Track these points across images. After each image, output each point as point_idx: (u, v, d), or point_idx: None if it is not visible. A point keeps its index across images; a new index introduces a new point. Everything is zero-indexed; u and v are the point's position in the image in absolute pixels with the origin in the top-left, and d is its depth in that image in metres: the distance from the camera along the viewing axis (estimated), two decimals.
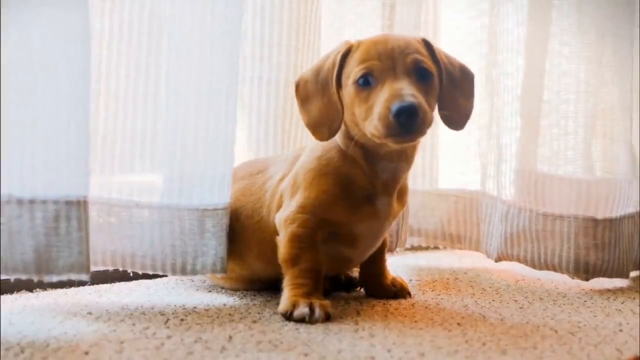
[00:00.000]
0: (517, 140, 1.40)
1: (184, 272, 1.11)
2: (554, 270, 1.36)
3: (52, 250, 0.95)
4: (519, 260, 1.39)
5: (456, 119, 1.08)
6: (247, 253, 1.14)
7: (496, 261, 1.42)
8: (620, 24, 1.39)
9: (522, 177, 1.40)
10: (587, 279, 1.34)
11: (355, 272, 1.25)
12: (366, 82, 1.01)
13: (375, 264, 1.19)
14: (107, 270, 1.22)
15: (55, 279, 0.95)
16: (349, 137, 1.07)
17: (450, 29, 1.56)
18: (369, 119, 0.99)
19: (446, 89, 1.06)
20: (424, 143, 1.53)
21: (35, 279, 0.95)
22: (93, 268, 1.17)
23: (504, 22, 1.41)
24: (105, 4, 1.10)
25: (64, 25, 0.95)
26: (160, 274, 1.14)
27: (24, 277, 0.94)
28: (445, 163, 1.59)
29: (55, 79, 0.95)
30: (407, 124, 0.95)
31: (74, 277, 0.96)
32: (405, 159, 1.08)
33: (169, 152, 1.11)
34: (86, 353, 0.83)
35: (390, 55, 1.00)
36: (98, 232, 1.10)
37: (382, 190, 1.07)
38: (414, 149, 1.09)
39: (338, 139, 1.08)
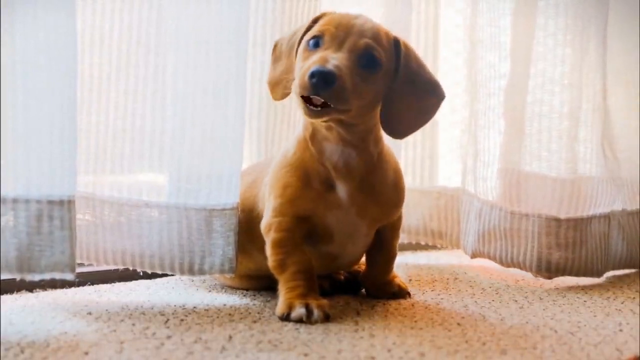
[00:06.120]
0: (492, 138, 1.41)
1: (191, 272, 1.12)
2: (520, 268, 1.37)
3: (34, 249, 0.95)
4: (489, 258, 1.40)
5: (394, 126, 1.05)
6: (252, 246, 1.14)
7: (472, 257, 1.43)
8: (600, 25, 1.39)
9: (496, 175, 1.40)
10: (550, 278, 1.35)
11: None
12: (315, 44, 1.01)
13: (377, 267, 1.18)
14: (107, 270, 1.22)
15: (37, 277, 0.95)
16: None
17: (451, 27, 1.56)
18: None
19: (398, 93, 1.03)
20: (415, 141, 1.52)
21: (18, 277, 0.95)
22: (104, 267, 1.18)
23: (487, 23, 1.41)
24: (115, 4, 1.10)
25: (49, 26, 0.95)
26: (169, 273, 1.14)
27: (6, 275, 0.94)
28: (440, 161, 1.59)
29: (39, 79, 0.95)
30: (317, 87, 0.94)
31: (57, 276, 0.96)
32: (350, 145, 1.04)
33: (176, 152, 1.11)
34: (86, 353, 0.83)
35: (347, 29, 1.00)
36: (109, 231, 1.10)
37: (336, 175, 1.06)
38: (358, 134, 1.04)
39: (302, 126, 1.08)
